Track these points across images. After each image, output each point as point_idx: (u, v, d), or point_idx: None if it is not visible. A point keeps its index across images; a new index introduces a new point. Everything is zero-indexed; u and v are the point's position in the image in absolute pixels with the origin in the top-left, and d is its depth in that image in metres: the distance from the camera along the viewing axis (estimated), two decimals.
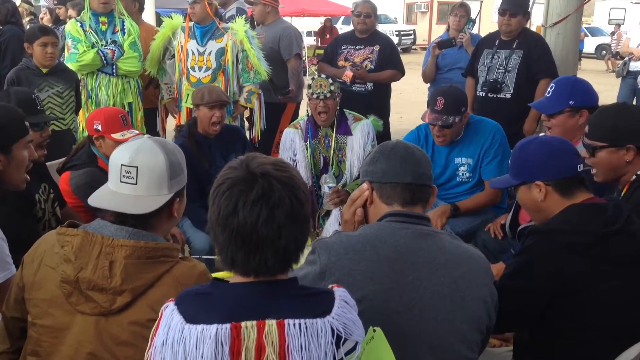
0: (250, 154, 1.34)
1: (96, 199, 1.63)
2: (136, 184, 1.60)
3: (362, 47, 4.95)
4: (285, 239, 1.25)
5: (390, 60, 4.96)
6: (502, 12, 4.31)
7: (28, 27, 5.85)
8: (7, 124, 2.09)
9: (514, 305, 1.88)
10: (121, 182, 1.61)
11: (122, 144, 1.69)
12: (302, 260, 1.46)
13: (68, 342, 1.54)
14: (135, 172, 1.60)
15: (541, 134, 2.41)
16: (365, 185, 1.76)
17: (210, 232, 1.30)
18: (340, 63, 4.94)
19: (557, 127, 2.76)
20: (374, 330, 1.34)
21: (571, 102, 2.74)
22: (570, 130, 2.73)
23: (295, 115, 5.21)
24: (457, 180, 3.43)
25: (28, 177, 2.20)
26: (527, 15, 4.37)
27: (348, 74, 4.76)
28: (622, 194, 2.27)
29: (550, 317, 1.89)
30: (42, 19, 7.33)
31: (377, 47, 4.93)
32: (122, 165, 1.61)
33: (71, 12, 5.96)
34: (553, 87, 2.83)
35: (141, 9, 5.19)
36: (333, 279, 1.54)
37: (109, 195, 1.63)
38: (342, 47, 5.01)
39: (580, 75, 4.32)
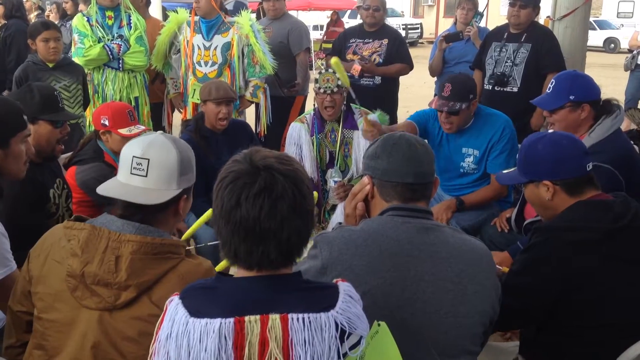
0: (254, 147, 1.34)
1: (105, 189, 1.64)
2: (146, 176, 1.61)
3: (370, 40, 4.93)
4: (287, 231, 1.25)
5: (398, 54, 4.94)
6: (512, 3, 4.29)
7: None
8: (5, 117, 2.06)
9: (520, 303, 1.87)
10: (131, 173, 1.62)
11: (134, 138, 1.70)
12: (306, 253, 1.46)
13: (73, 337, 1.54)
14: (147, 164, 1.61)
15: (550, 130, 2.39)
16: (366, 180, 1.75)
17: (214, 226, 1.31)
18: (349, 57, 4.92)
19: (559, 122, 2.75)
20: (379, 325, 1.34)
21: (571, 97, 2.71)
22: (572, 125, 2.71)
23: (303, 109, 5.20)
24: (461, 170, 3.41)
25: (26, 166, 2.18)
26: (537, 9, 4.34)
27: (356, 68, 4.75)
28: None
29: (558, 314, 1.89)
30: (47, 16, 7.34)
31: (385, 41, 4.91)
32: (134, 156, 1.62)
33: (82, 6, 5.97)
34: (553, 83, 2.81)
35: (148, 3, 5.18)
36: (335, 274, 1.53)
37: (118, 186, 1.64)
38: (351, 41, 5.00)
39: (587, 69, 4.29)
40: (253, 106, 4.78)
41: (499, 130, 3.30)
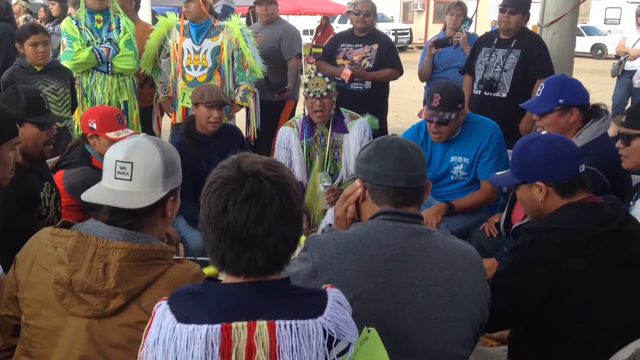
0: (242, 153, 1.33)
1: (90, 195, 1.63)
2: (130, 179, 1.60)
3: (360, 45, 4.94)
4: (274, 238, 1.24)
5: (388, 59, 4.96)
6: (502, 8, 4.32)
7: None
8: None
9: (508, 304, 1.87)
10: (115, 178, 1.60)
11: (117, 142, 1.69)
12: (296, 254, 1.45)
13: (61, 344, 1.53)
14: (130, 168, 1.59)
15: (543, 132, 2.41)
16: (358, 183, 1.75)
17: (202, 232, 1.30)
18: (339, 61, 4.93)
19: (548, 126, 2.77)
20: (369, 331, 1.34)
21: (561, 101, 2.74)
22: (561, 129, 2.73)
23: (293, 113, 5.20)
24: (451, 178, 3.42)
25: (12, 174, 2.16)
26: (527, 15, 4.37)
27: (347, 73, 4.76)
28: None
29: (546, 316, 1.88)
30: (34, 19, 7.28)
31: (375, 46, 4.92)
32: (117, 161, 1.60)
33: (71, 10, 5.93)
34: (543, 87, 2.85)
35: (137, 6, 5.17)
36: (325, 278, 1.53)
37: (103, 192, 1.62)
38: (341, 46, 5.00)
39: (574, 75, 4.31)
40: (243, 110, 4.78)
41: (487, 137, 3.32)
